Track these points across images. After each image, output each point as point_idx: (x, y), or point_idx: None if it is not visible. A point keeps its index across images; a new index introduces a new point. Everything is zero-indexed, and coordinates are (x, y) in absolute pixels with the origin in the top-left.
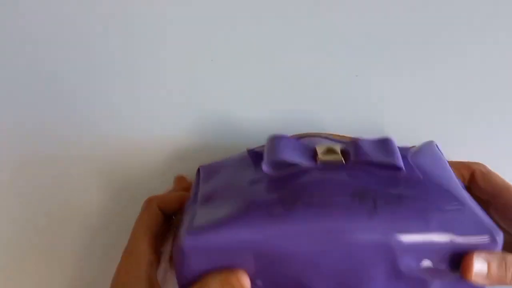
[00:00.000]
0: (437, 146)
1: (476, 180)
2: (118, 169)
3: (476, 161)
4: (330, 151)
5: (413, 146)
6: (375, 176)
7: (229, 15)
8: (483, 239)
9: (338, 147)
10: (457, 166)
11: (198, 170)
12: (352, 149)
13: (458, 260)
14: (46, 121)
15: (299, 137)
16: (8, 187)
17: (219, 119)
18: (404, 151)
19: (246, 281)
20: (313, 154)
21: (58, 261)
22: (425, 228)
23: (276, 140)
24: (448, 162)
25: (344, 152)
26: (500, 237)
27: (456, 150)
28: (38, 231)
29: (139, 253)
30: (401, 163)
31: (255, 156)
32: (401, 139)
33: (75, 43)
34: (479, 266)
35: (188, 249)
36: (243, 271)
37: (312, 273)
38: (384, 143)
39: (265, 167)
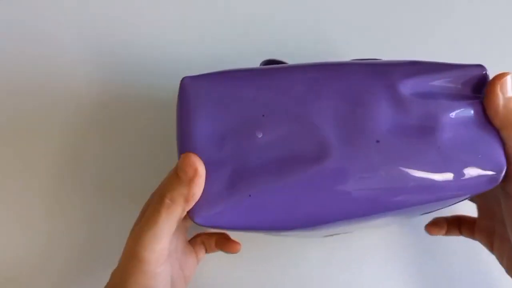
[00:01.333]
0: None
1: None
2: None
3: None
4: None
5: None
6: None
7: None
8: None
9: None
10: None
11: None
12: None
13: (467, 91)
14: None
15: None
16: None
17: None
18: None
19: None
20: None
21: None
22: (417, 64)
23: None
24: None
25: None
26: None
27: None
28: None
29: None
30: None
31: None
32: None
33: None
34: (509, 84)
35: (186, 85)
36: (193, 155)
37: (314, 105)
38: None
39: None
